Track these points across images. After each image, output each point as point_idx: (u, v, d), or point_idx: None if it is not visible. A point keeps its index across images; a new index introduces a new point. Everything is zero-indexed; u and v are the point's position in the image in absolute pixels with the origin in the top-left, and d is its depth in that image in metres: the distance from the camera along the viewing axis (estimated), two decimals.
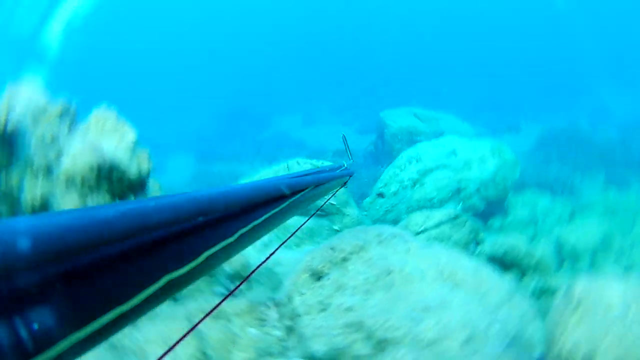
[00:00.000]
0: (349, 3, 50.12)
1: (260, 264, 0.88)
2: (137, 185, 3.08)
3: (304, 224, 1.21)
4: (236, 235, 0.54)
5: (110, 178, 2.86)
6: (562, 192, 10.24)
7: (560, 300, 3.01)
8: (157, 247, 0.42)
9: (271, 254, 0.89)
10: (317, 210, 1.27)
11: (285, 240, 1.09)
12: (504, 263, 5.16)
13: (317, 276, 2.98)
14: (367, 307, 2.70)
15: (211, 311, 0.67)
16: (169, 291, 0.44)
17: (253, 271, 0.88)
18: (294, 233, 1.14)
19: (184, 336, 0.61)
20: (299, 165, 5.96)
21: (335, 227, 5.54)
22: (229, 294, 0.80)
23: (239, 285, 0.83)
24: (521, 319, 3.27)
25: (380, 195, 7.63)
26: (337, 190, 1.28)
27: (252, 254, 4.47)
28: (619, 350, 2.57)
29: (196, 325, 0.64)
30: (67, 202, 2.64)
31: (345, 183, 1.35)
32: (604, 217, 8.33)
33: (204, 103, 24.09)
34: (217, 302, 0.67)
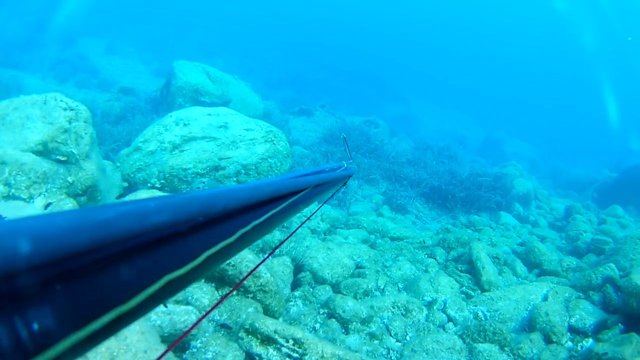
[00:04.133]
0: None
1: (258, 265, 0.88)
2: None
3: (304, 221, 1.22)
4: (236, 235, 0.54)
5: None
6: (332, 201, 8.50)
7: None
8: (157, 247, 0.42)
9: (267, 256, 0.89)
10: (317, 209, 1.27)
11: (286, 239, 1.09)
12: (222, 279, 4.36)
13: None
14: None
15: (214, 307, 0.67)
16: (169, 291, 0.44)
17: (252, 271, 0.88)
18: (294, 231, 1.14)
19: (194, 326, 0.61)
20: (56, 101, 5.64)
21: (69, 179, 5.21)
22: (231, 291, 0.80)
23: (240, 282, 0.83)
24: None
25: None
26: (337, 190, 1.28)
27: None
28: None
29: (204, 316, 0.64)
30: None
31: (345, 183, 1.35)
32: (366, 241, 7.17)
33: (17, 7, 22.42)
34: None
